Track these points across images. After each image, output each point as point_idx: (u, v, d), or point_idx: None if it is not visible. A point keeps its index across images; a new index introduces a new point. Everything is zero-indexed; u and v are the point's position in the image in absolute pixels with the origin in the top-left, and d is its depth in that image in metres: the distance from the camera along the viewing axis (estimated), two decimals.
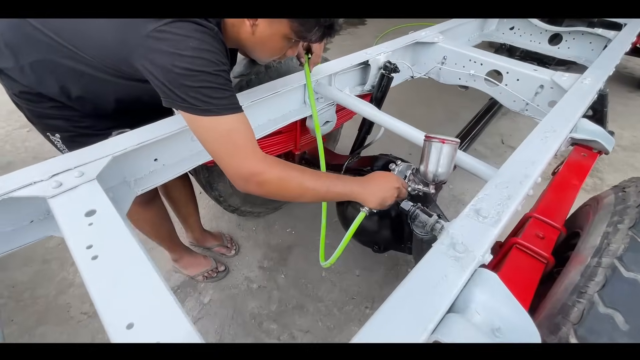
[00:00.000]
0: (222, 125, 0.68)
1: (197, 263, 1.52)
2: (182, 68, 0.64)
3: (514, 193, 0.70)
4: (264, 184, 0.71)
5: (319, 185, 0.76)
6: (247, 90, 1.08)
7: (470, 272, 0.55)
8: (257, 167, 0.70)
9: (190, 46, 0.64)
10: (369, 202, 0.81)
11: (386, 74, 1.32)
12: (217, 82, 0.67)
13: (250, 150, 0.71)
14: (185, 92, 0.66)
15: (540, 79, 1.26)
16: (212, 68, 0.66)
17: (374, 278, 1.57)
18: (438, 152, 0.83)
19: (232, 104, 0.69)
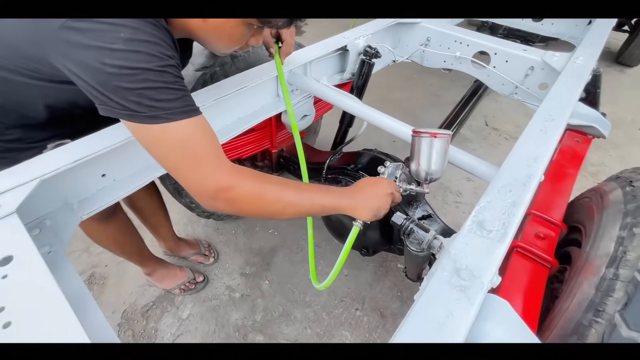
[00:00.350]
0: (176, 134, 0.55)
1: (173, 275, 1.40)
2: (114, 66, 0.50)
3: (519, 198, 0.62)
4: (235, 200, 0.60)
5: (302, 199, 0.65)
6: (210, 86, 0.94)
7: (479, 304, 0.46)
8: (225, 180, 0.58)
9: (122, 37, 0.50)
10: (362, 214, 0.71)
11: (367, 60, 1.20)
12: (163, 81, 0.53)
13: (215, 161, 0.58)
14: (123, 96, 0.52)
15: (530, 60, 1.18)
16: (155, 63, 0.52)
17: (363, 277, 1.50)
18: (429, 147, 0.74)
19: (186, 105, 0.56)
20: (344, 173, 1.10)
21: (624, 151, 2.26)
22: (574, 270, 0.71)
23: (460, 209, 1.81)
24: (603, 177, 2.04)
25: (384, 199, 0.73)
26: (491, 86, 1.33)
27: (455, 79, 2.90)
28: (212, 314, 1.36)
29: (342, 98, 1.05)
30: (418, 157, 0.76)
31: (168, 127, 0.55)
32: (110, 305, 1.38)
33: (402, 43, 1.49)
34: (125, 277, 1.47)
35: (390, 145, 2.13)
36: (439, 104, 2.68)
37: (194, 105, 0.59)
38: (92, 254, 1.55)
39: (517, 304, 0.64)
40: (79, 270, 1.48)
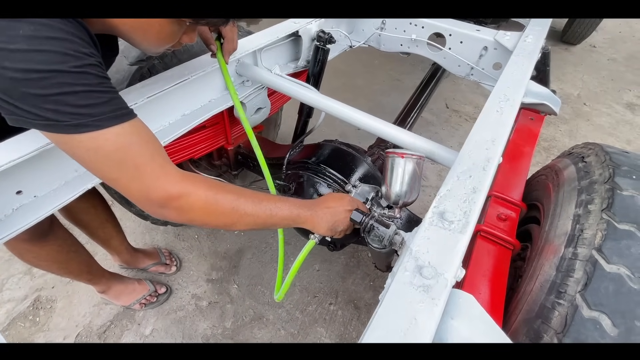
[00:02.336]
0: (109, 143, 0.49)
1: (130, 290, 1.29)
2: (16, 70, 0.42)
3: (479, 183, 0.59)
4: (187, 209, 0.56)
5: (259, 209, 0.62)
6: (147, 80, 0.84)
7: (443, 303, 0.43)
8: (175, 188, 0.54)
9: (22, 35, 0.42)
10: (319, 228, 0.70)
11: (321, 46, 1.14)
12: (83, 83, 0.46)
13: (160, 167, 0.53)
14: (35, 104, 0.44)
15: (483, 40, 1.18)
16: (69, 64, 0.45)
17: (335, 270, 1.47)
18: (399, 169, 0.71)
19: (116, 109, 0.50)
20: (305, 167, 1.04)
21: (571, 125, 2.40)
22: (535, 250, 0.72)
23: (427, 192, 1.83)
24: (555, 151, 2.15)
25: (342, 215, 0.70)
26: (448, 68, 1.32)
27: (415, 63, 2.91)
28: (178, 326, 1.28)
29: (297, 88, 0.98)
30: (390, 179, 0.73)
31: (99, 136, 0.48)
32: (61, 330, 1.25)
33: (357, 28, 1.44)
34: (77, 298, 1.34)
35: (355, 133, 2.10)
36: (400, 88, 2.68)
37: (126, 107, 0.52)
38: (35, 275, 1.39)
39: (483, 291, 0.63)
40: (20, 296, 1.33)
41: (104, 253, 1.38)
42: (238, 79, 1.03)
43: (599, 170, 0.64)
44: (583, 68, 3.07)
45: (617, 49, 3.43)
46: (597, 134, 2.33)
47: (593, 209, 0.58)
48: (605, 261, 0.50)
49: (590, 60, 3.22)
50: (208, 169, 1.40)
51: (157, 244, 1.53)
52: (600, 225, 0.54)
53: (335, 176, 0.99)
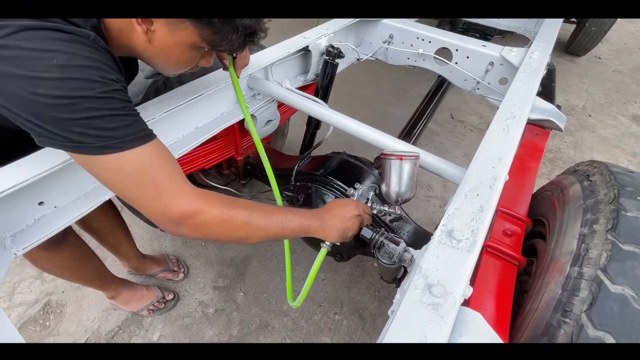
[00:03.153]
0: (131, 164, 0.52)
1: (139, 297, 1.30)
2: (49, 96, 0.45)
3: (486, 202, 0.61)
4: (202, 226, 0.58)
5: (271, 222, 0.64)
6: (163, 95, 0.87)
7: (452, 321, 0.45)
8: (190, 206, 0.56)
9: (55, 64, 0.45)
10: (330, 236, 0.72)
11: (330, 61, 1.16)
12: (109, 108, 0.49)
13: (177, 186, 0.56)
14: (65, 128, 0.47)
15: (489, 56, 1.20)
16: (97, 90, 0.48)
17: (340, 279, 1.48)
18: (398, 169, 0.75)
19: (139, 131, 0.53)
20: (313, 179, 1.06)
21: (576, 137, 2.40)
22: (541, 266, 0.73)
23: (432, 203, 1.84)
24: (560, 162, 2.15)
25: (351, 221, 0.73)
26: (454, 82, 1.34)
27: (420, 73, 2.94)
28: (185, 332, 1.29)
29: (306, 102, 1.01)
30: (388, 179, 0.77)
31: (122, 157, 0.51)
32: (70, 335, 1.27)
33: (365, 41, 1.47)
34: (86, 303, 1.36)
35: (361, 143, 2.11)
36: (405, 98, 2.70)
37: (147, 129, 0.55)
38: (45, 280, 1.42)
39: (489, 307, 0.64)
40: (32, 300, 1.35)
41: (114, 259, 1.41)
42: (249, 93, 1.06)
43: (604, 190, 0.66)
44: (588, 79, 3.08)
45: (623, 60, 3.44)
46: (602, 146, 2.34)
47: (598, 229, 0.59)
48: (610, 282, 0.52)
49: (595, 71, 3.23)
50: (217, 177, 1.42)
51: (165, 250, 1.55)
52: (605, 245, 0.56)
53: (343, 188, 1.01)
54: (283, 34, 1.16)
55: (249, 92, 1.05)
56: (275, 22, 3.99)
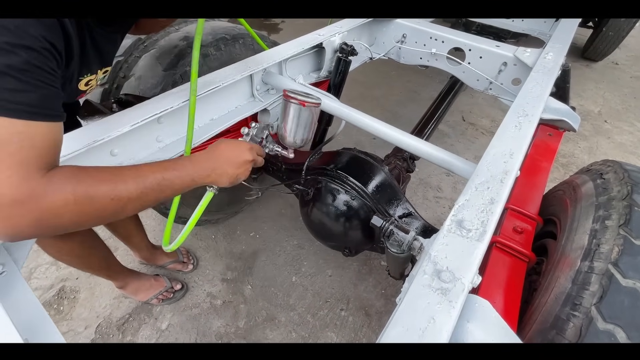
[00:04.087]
0: None
1: (148, 286, 1.33)
2: None
3: (497, 195, 0.62)
4: (49, 215, 0.43)
5: (145, 188, 0.52)
6: (181, 86, 0.90)
7: (460, 306, 0.45)
8: (25, 187, 0.42)
9: None
10: (220, 183, 0.66)
11: (343, 58, 1.18)
12: (4, 63, 0.40)
13: (21, 169, 0.42)
14: None
15: (503, 56, 1.20)
16: (3, 37, 0.40)
17: (347, 276, 1.49)
18: (297, 114, 0.73)
19: (22, 103, 0.42)
20: (324, 173, 1.07)
21: (591, 142, 2.36)
22: (551, 263, 0.73)
23: (441, 204, 1.83)
24: (573, 167, 2.12)
25: (244, 167, 0.67)
26: (466, 82, 1.34)
27: (432, 75, 2.94)
28: (193, 323, 1.32)
29: (319, 97, 1.02)
30: (285, 121, 0.74)
31: None
32: (83, 320, 1.31)
33: (378, 40, 1.48)
34: (98, 290, 1.40)
35: (370, 142, 2.13)
36: (417, 100, 2.70)
37: (45, 108, 0.44)
38: (60, 267, 1.46)
39: (498, 300, 0.65)
40: (47, 285, 1.40)
41: (125, 249, 1.44)
42: (263, 87, 1.09)
43: (617, 187, 0.65)
44: (604, 85, 3.03)
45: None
46: (617, 152, 2.29)
47: (610, 225, 0.59)
48: (621, 275, 0.52)
49: (612, 77, 3.17)
50: None
51: None
52: (617, 240, 0.56)
53: (353, 183, 1.02)
54: (296, 33, 1.18)
55: (262, 87, 1.08)
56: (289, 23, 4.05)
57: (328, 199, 1.04)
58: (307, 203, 1.11)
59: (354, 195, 1.00)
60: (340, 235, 1.07)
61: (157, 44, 1.12)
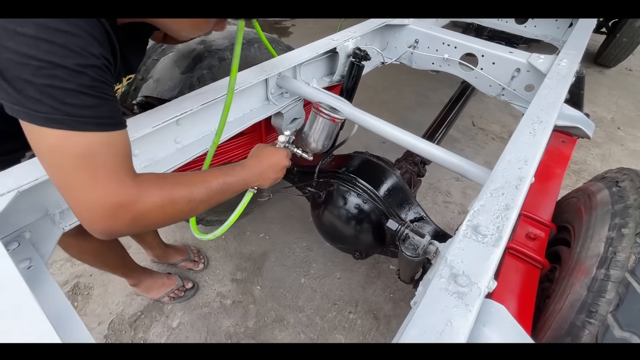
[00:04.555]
0: (76, 147, 0.45)
1: (160, 284, 1.36)
2: (16, 52, 0.41)
3: (512, 201, 0.62)
4: (141, 216, 0.50)
5: (212, 192, 0.61)
6: (200, 89, 0.92)
7: (476, 310, 0.46)
8: (124, 195, 0.48)
9: (35, 22, 0.41)
10: (264, 184, 0.77)
11: (356, 62, 1.19)
12: (78, 83, 0.44)
13: (116, 178, 0.49)
14: (22, 90, 0.42)
15: (516, 62, 1.20)
16: (72, 60, 0.43)
17: (356, 279, 1.49)
18: (326, 128, 0.85)
19: (101, 117, 0.47)
20: (336, 176, 1.09)
21: (604, 149, 2.34)
22: (565, 270, 0.72)
23: (450, 209, 1.83)
24: (586, 175, 2.10)
25: (282, 171, 0.80)
26: (478, 87, 1.34)
27: (442, 80, 2.93)
28: (203, 321, 1.33)
29: (332, 101, 1.04)
30: (314, 131, 0.86)
31: (69, 136, 0.45)
32: (96, 316, 1.33)
33: (390, 45, 1.49)
34: (112, 287, 1.42)
35: (380, 146, 2.13)
36: (426, 104, 2.70)
37: (114, 117, 0.49)
38: (75, 263, 1.49)
39: (511, 305, 0.65)
40: (62, 281, 1.43)
41: (138, 247, 1.47)
42: (277, 90, 1.10)
43: (633, 195, 0.65)
44: (618, 92, 2.99)
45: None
46: (631, 160, 2.26)
47: (627, 233, 0.59)
48: (638, 284, 0.52)
49: (625, 83, 3.13)
50: None
51: (186, 241, 1.60)
52: (634, 248, 0.55)
53: (365, 186, 1.03)
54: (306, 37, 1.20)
55: (277, 90, 1.10)
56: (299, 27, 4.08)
57: (340, 201, 1.05)
58: (319, 205, 1.12)
59: (366, 199, 1.01)
60: (352, 238, 1.08)
61: (175, 48, 1.14)
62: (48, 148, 0.46)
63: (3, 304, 0.45)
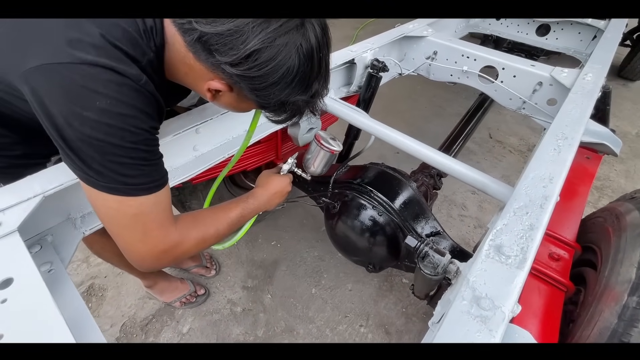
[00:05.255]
0: (131, 208, 0.54)
1: (173, 288, 1.37)
2: (80, 132, 0.48)
3: (536, 221, 0.60)
4: (181, 255, 0.62)
5: (232, 222, 0.72)
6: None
7: (500, 335, 0.44)
8: (168, 242, 0.59)
9: (97, 106, 0.47)
10: (269, 209, 0.88)
11: (374, 74, 1.19)
12: (131, 157, 0.51)
13: (163, 230, 0.58)
14: (84, 160, 0.50)
15: (538, 76, 1.17)
16: (127, 139, 0.50)
17: (368, 292, 1.47)
18: (325, 158, 0.95)
19: (151, 181, 0.55)
20: (351, 187, 1.08)
21: (628, 165, 2.25)
22: (592, 295, 0.69)
23: (466, 223, 1.79)
24: (609, 191, 2.02)
25: (286, 196, 0.90)
26: (498, 100, 1.32)
27: (458, 91, 2.90)
28: (213, 328, 1.33)
29: (349, 112, 1.04)
30: (314, 160, 0.96)
31: (125, 201, 0.53)
32: (109, 318, 1.35)
33: (408, 56, 1.49)
34: (125, 289, 1.44)
35: (394, 156, 2.12)
36: (442, 115, 2.67)
37: (161, 178, 0.57)
38: (91, 264, 1.52)
39: (534, 330, 0.62)
40: (77, 282, 1.46)
41: None
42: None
43: None
44: None
45: None
46: None
47: None
48: None
49: None
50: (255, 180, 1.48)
51: None
52: None
53: (380, 198, 1.02)
54: None
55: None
56: None
57: (354, 213, 1.04)
58: (333, 216, 1.11)
59: (381, 211, 0.99)
60: (365, 251, 1.06)
61: None
62: (106, 208, 0.54)
63: (25, 306, 0.45)
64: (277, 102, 0.57)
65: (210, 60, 0.52)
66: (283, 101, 0.57)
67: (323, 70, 0.58)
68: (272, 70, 0.52)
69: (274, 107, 0.59)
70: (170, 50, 0.56)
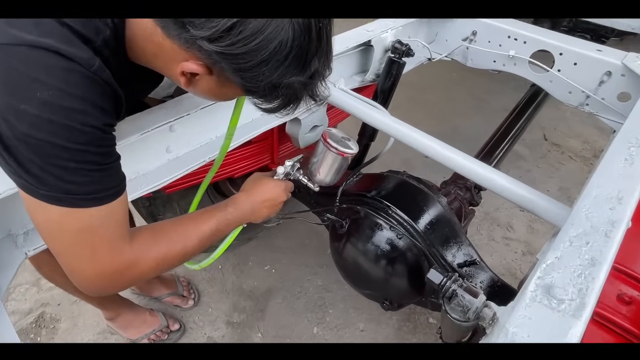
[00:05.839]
0: (76, 222, 0.53)
1: (141, 321, 1.37)
2: (16, 129, 0.47)
3: (600, 254, 0.57)
4: (139, 277, 0.64)
5: (204, 236, 0.71)
6: None
7: None
8: (123, 261, 0.59)
9: (37, 98, 0.47)
10: (256, 221, 0.87)
11: (396, 59, 1.19)
12: (78, 160, 0.51)
13: (115, 245, 0.58)
14: (22, 164, 0.49)
15: (607, 63, 1.14)
16: (73, 139, 0.49)
17: (384, 333, 1.45)
18: (334, 161, 0.91)
19: (101, 189, 0.54)
20: (363, 201, 1.06)
21: None
22: None
23: (512, 248, 1.75)
24: None
25: (278, 207, 0.88)
26: (554, 94, 1.30)
27: (505, 80, 2.86)
28: None
29: (364, 107, 1.03)
30: (320, 164, 0.93)
31: (69, 213, 0.52)
32: None
33: (439, 37, 1.48)
34: (82, 321, 1.45)
35: (422, 161, 2.09)
36: (483, 111, 2.65)
37: (114, 187, 0.57)
38: (42, 288, 1.54)
39: None
40: (25, 310, 1.48)
41: None
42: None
43: None
44: None
45: None
46: None
47: None
48: None
49: None
50: None
51: (175, 271, 1.62)
52: None
53: (400, 217, 1.00)
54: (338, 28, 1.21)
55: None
56: None
57: (367, 234, 1.03)
58: (340, 237, 1.10)
59: (401, 233, 0.98)
60: (380, 283, 1.05)
61: None
62: (47, 222, 0.54)
63: None
64: (267, 86, 0.55)
65: (183, 35, 0.51)
66: (275, 84, 0.55)
67: (324, 43, 0.55)
68: (261, 46, 0.50)
69: (263, 92, 0.57)
70: (133, 26, 0.55)
